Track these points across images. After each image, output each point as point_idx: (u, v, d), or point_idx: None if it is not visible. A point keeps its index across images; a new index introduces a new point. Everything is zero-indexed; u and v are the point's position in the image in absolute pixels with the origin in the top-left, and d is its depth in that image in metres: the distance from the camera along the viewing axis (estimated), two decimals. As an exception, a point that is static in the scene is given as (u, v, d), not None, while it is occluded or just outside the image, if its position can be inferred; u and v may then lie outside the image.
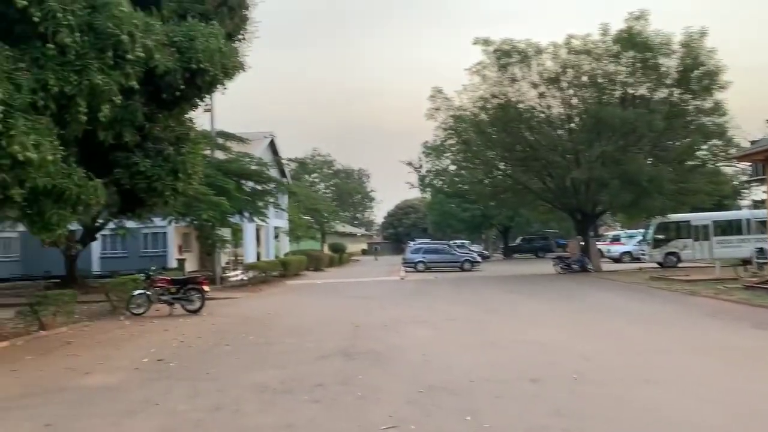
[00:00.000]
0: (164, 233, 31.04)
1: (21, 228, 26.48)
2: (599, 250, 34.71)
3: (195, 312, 16.66)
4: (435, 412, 6.79)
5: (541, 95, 30.52)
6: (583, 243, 33.00)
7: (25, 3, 8.85)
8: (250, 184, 28.49)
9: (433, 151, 35.95)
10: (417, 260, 37.67)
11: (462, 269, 36.63)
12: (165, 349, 11.34)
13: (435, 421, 6.43)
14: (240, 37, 14.50)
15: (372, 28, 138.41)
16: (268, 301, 20.70)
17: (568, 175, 29.38)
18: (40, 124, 9.28)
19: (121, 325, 14.98)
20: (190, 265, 31.33)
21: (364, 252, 79.96)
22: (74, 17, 9.47)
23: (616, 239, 44.28)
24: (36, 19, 9.13)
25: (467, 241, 55.69)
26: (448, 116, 31.92)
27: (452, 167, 35.87)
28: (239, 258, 33.92)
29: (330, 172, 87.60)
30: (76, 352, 11.45)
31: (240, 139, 30.19)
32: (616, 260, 38.72)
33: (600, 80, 29.34)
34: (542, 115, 31.32)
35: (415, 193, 71.95)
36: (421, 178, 39.10)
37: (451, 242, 45.34)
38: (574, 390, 7.58)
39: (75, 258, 24.23)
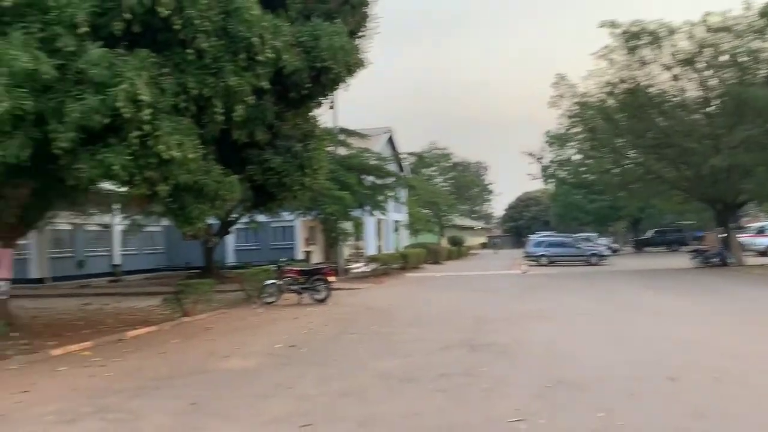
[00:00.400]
0: (292, 227, 32.40)
1: (164, 222, 28.77)
2: (740, 242, 32.05)
3: (321, 301, 17.29)
4: (564, 407, 6.59)
5: (675, 78, 28.56)
6: (723, 235, 30.61)
7: (168, 12, 9.52)
8: (371, 178, 29.08)
9: (557, 140, 34.75)
10: (539, 254, 36.61)
11: (588, 263, 35.12)
12: (295, 336, 11.87)
13: (564, 416, 6.24)
14: (361, 33, 14.76)
15: (490, 18, 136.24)
16: (389, 292, 21.05)
17: (706, 163, 27.32)
18: (182, 125, 9.98)
19: (254, 313, 15.84)
20: (316, 257, 32.50)
21: (483, 245, 79.07)
22: (210, 23, 10.07)
23: (761, 231, 40.62)
24: (177, 27, 9.80)
25: (593, 234, 53.42)
26: (573, 103, 30.74)
27: (577, 156, 34.51)
28: (360, 250, 34.73)
29: (448, 165, 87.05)
30: (215, 337, 12.25)
31: (360, 135, 30.86)
32: (762, 254, 35.57)
33: (742, 59, 26.96)
34: (676, 98, 29.30)
35: (536, 185, 70.00)
36: (544, 169, 37.95)
37: (575, 235, 43.70)
38: (716, 390, 7.09)
39: (212, 250, 25.93)
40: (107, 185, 12.28)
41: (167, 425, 6.37)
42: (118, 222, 29.01)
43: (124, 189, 11.70)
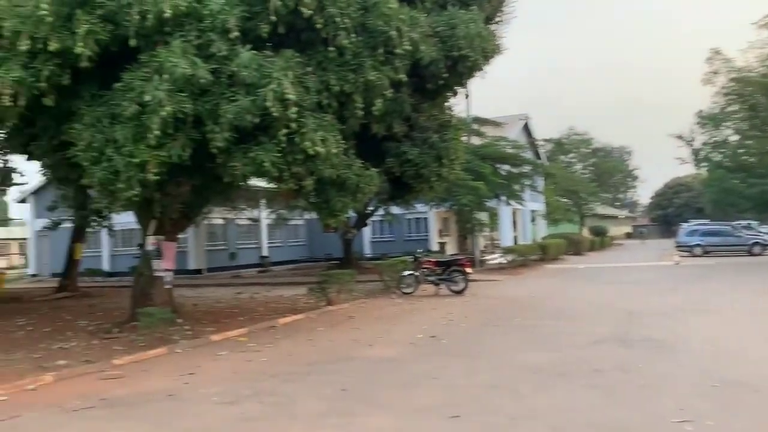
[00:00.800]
0: (425, 218, 32.60)
1: (306, 215, 30.13)
2: None
3: (459, 293, 17.19)
4: (734, 408, 6.05)
5: None
6: None
7: (310, 12, 9.87)
8: (506, 167, 28.43)
9: (710, 120, 32.02)
10: (693, 243, 33.87)
11: (750, 253, 31.99)
12: (435, 327, 11.89)
13: (736, 419, 5.72)
14: (497, 19, 14.44)
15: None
16: (529, 284, 20.49)
17: None
18: (325, 121, 10.32)
19: (393, 303, 16.09)
20: (450, 248, 32.45)
21: (628, 235, 74.86)
22: (350, 20, 10.30)
23: None
24: (319, 26, 10.14)
25: (754, 222, 48.65)
26: (729, 80, 28.19)
27: (734, 137, 31.62)
28: (495, 241, 34.17)
29: (588, 151, 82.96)
30: (358, 325, 12.58)
31: (494, 123, 30.27)
32: None
33: None
34: None
35: (687, 170, 64.84)
36: (695, 152, 35.07)
37: (733, 223, 40.05)
38: None
39: (351, 242, 26.72)
40: (256, 181, 13.02)
41: (321, 410, 6.61)
42: (265, 216, 30.89)
43: (272, 185, 12.34)
